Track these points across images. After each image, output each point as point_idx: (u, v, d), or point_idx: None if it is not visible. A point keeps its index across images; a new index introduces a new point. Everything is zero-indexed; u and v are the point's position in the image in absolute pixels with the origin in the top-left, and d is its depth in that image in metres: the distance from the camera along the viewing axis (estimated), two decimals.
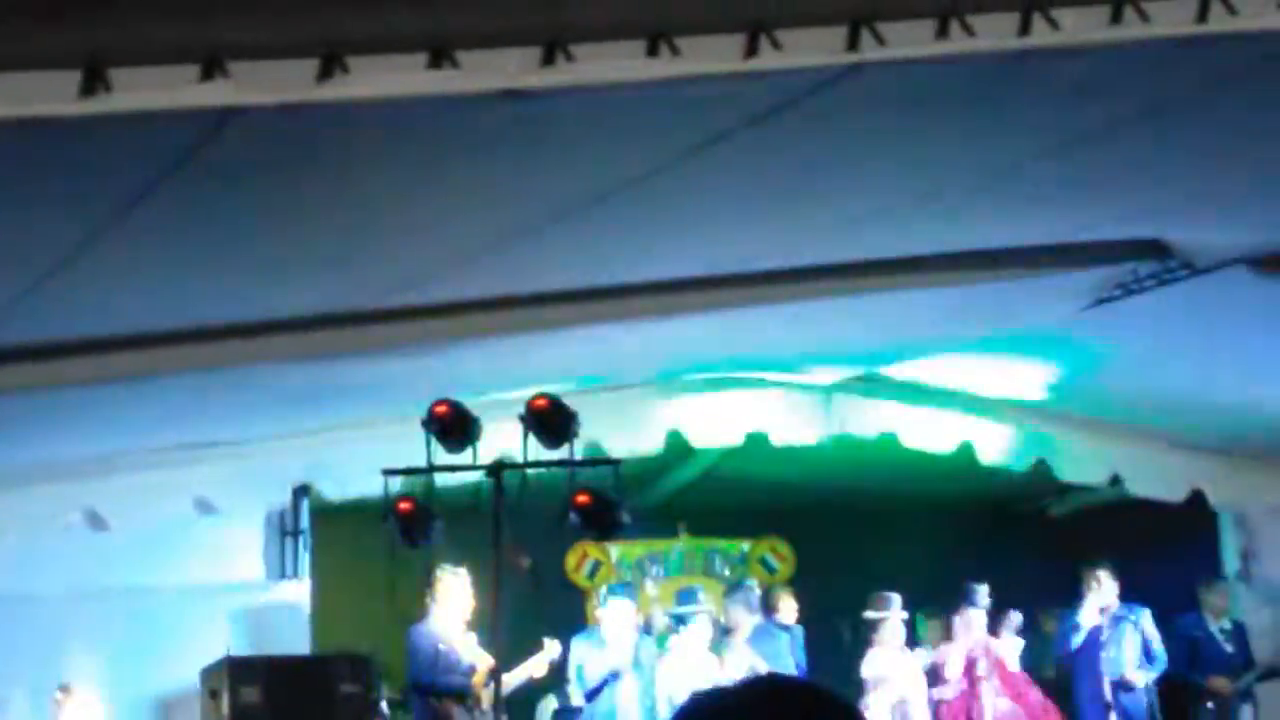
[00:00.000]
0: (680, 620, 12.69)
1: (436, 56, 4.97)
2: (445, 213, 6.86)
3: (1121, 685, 12.65)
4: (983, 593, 12.85)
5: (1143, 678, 12.73)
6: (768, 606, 13.34)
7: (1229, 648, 13.22)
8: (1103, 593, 12.83)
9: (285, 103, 4.91)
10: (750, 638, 12.87)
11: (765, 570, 14.87)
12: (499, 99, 5.11)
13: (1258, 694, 13.01)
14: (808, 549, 14.74)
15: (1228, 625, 13.32)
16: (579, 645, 12.37)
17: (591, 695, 12.18)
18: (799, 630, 13.19)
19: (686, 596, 12.86)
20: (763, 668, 12.35)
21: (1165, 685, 12.83)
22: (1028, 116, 6.17)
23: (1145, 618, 12.88)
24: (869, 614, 12.77)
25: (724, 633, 12.72)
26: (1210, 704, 12.93)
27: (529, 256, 7.69)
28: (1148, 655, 12.86)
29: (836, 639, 13.39)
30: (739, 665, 12.29)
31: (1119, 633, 12.80)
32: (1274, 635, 13.30)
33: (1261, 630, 13.39)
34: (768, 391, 11.97)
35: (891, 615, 12.73)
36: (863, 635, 12.94)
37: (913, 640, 13.15)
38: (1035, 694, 12.92)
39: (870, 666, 12.65)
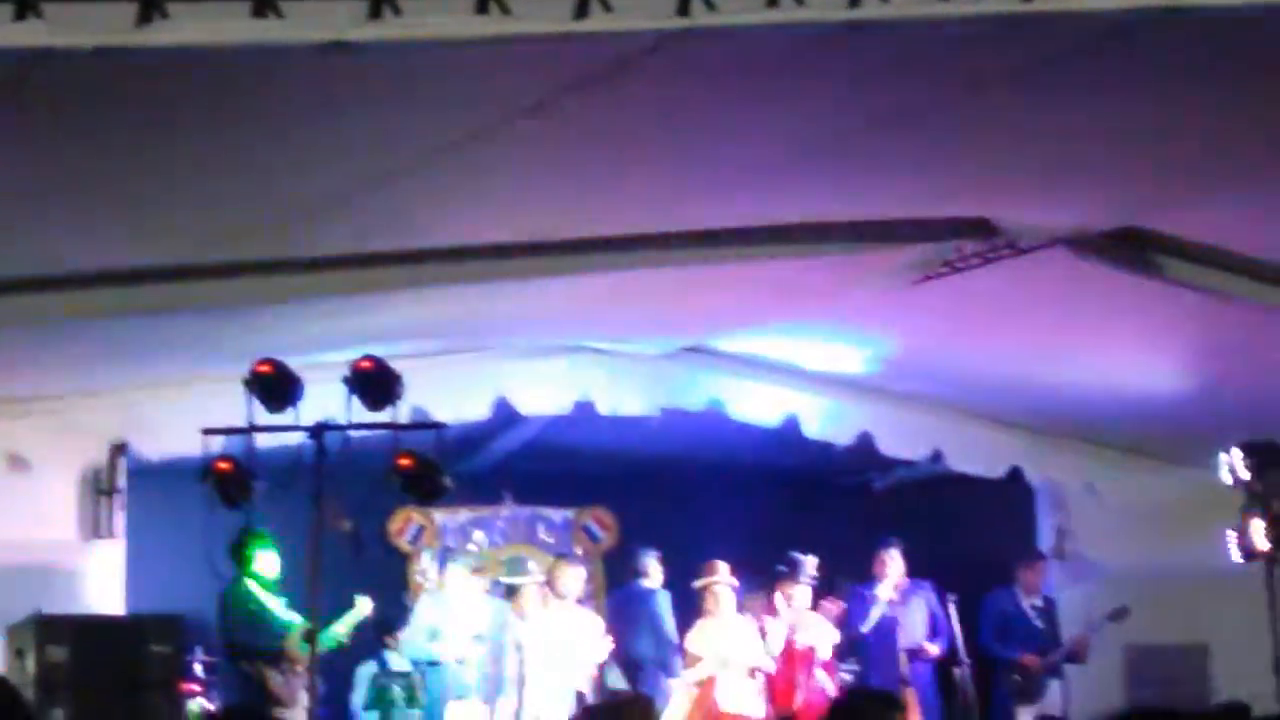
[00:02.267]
0: (511, 590, 12.70)
1: (261, 5, 4.87)
2: (271, 169, 6.76)
3: (915, 654, 12.89)
4: (809, 565, 12.96)
5: (933, 648, 13.00)
6: (635, 571, 13.42)
7: (1039, 624, 13.48)
8: (893, 569, 13.08)
9: (101, 46, 4.79)
10: (618, 601, 13.07)
11: (589, 539, 14.87)
12: (324, 51, 5.02)
13: (1066, 671, 13.26)
14: (632, 518, 14.75)
15: (1039, 602, 13.58)
16: (423, 610, 12.38)
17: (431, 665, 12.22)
18: (665, 594, 13.25)
19: (517, 565, 12.84)
20: (597, 628, 12.44)
21: (975, 659, 13.06)
22: (855, 90, 6.19)
23: (931, 593, 13.15)
24: (698, 582, 12.81)
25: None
26: (1018, 678, 13.17)
27: (357, 217, 7.61)
28: (934, 629, 13.09)
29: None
30: (572, 625, 12.36)
31: (909, 606, 13.05)
32: (1086, 611, 13.54)
33: (1073, 607, 13.64)
34: (596, 360, 11.95)
35: (720, 582, 12.76)
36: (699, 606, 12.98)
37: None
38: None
39: (694, 641, 12.69)
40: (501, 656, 12.35)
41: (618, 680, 12.67)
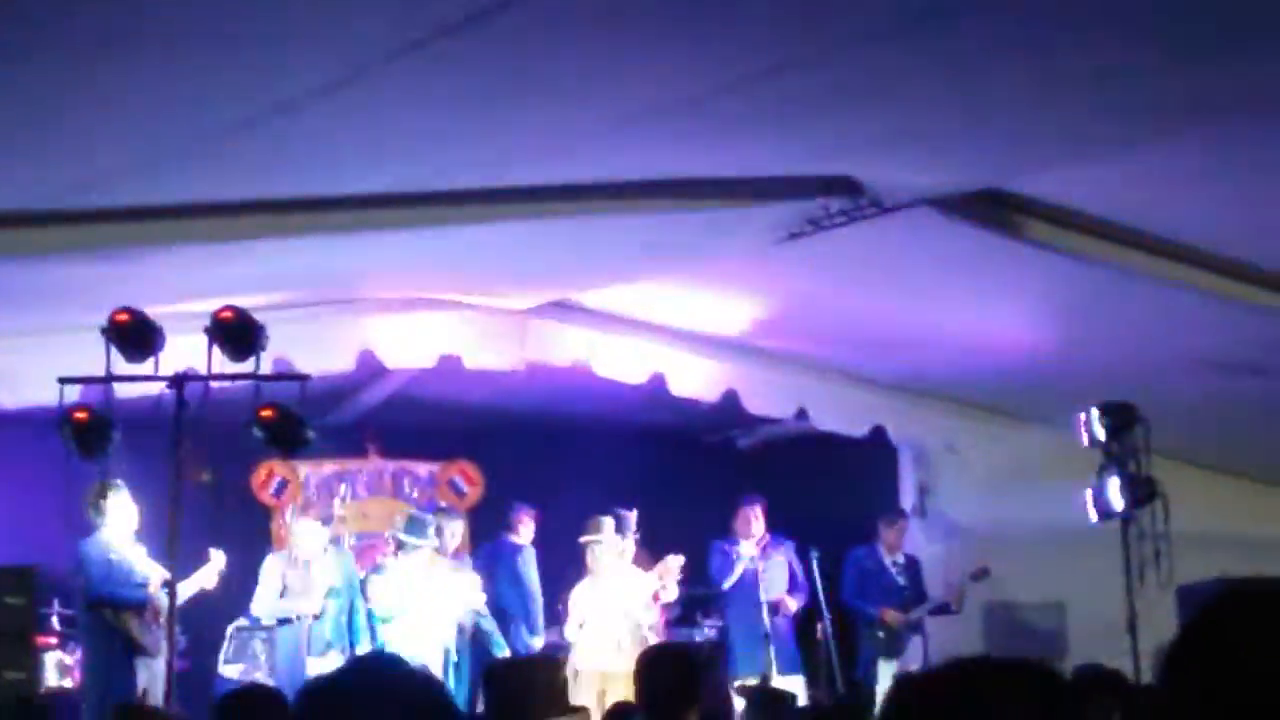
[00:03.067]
0: (401, 546, 12.63)
1: None
2: (132, 110, 6.65)
3: (775, 608, 13.01)
4: (630, 520, 13.02)
5: (793, 603, 13.12)
6: (506, 525, 13.41)
7: (901, 580, 13.64)
8: (755, 528, 13.20)
9: None
10: (486, 555, 13.18)
11: (454, 493, 14.85)
12: None
13: (928, 627, 13.43)
14: (497, 473, 14.75)
15: (901, 559, 13.74)
16: (270, 567, 12.28)
17: (281, 623, 12.11)
18: (531, 550, 13.27)
19: (415, 528, 12.71)
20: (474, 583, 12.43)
21: (837, 612, 13.21)
22: (722, 43, 6.19)
23: (790, 549, 13.29)
24: (584, 538, 12.80)
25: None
26: (881, 634, 13.33)
27: (221, 162, 7.51)
28: (793, 585, 13.24)
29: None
30: (449, 582, 12.35)
31: (770, 562, 13.19)
32: (945, 569, 13.72)
33: (933, 565, 13.82)
34: (462, 314, 11.87)
35: (603, 539, 12.77)
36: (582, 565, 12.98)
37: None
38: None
39: (576, 600, 12.69)
40: (354, 611, 12.31)
41: (494, 633, 12.70)
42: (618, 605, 12.65)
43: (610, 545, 12.77)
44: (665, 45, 6.17)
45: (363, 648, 12.20)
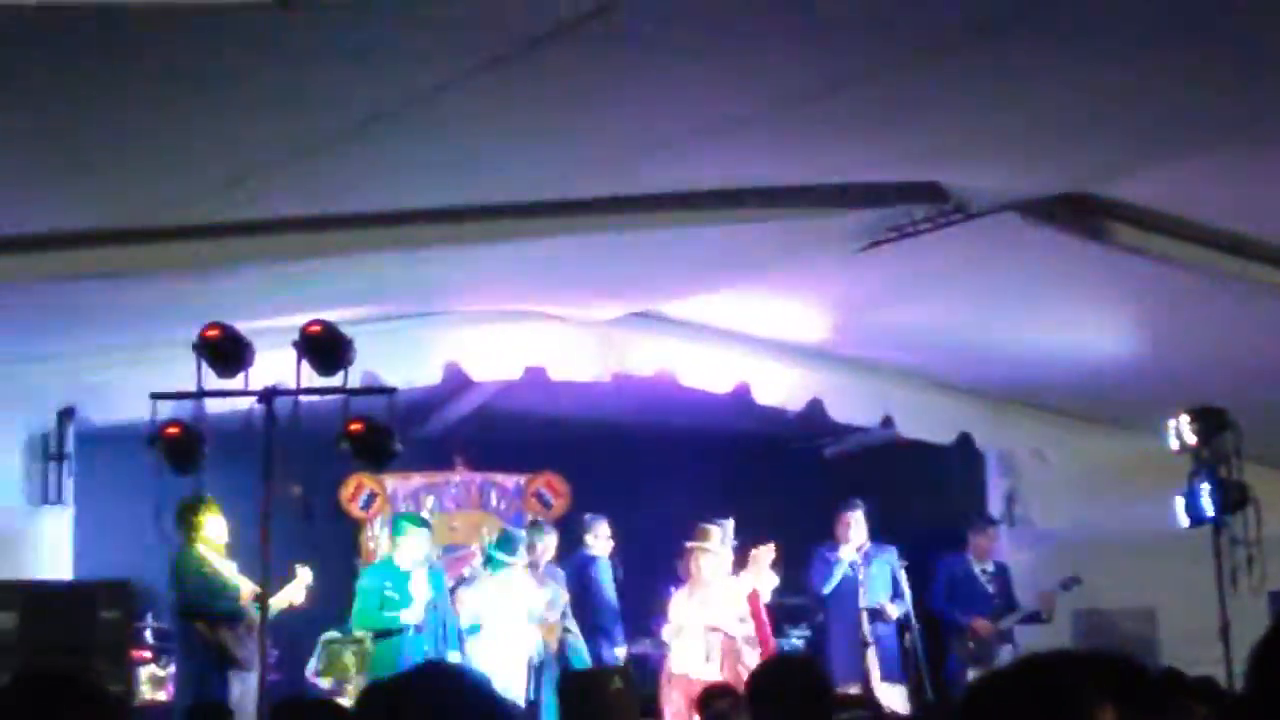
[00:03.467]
0: (489, 560, 12.67)
1: None
2: (219, 130, 6.72)
3: (876, 615, 12.91)
4: (729, 529, 12.94)
5: (895, 610, 12.98)
6: (581, 538, 13.45)
7: (990, 589, 13.55)
8: (854, 534, 13.10)
9: (45, 3, 4.75)
10: (565, 567, 13.11)
11: (541, 504, 14.87)
12: (272, 7, 5.00)
13: (1017, 636, 13.33)
14: (583, 484, 14.76)
15: (990, 567, 13.65)
16: (368, 581, 12.31)
17: (379, 637, 12.16)
18: (607, 562, 13.29)
19: (508, 546, 12.72)
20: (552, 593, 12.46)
21: (926, 620, 13.11)
22: (806, 51, 6.19)
23: (893, 556, 13.17)
24: (692, 544, 12.70)
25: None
26: (971, 644, 13.24)
27: (307, 179, 7.58)
28: (896, 592, 13.13)
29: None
30: (529, 591, 12.39)
31: (871, 568, 13.07)
32: (1034, 577, 13.62)
33: (1022, 572, 13.72)
34: (546, 326, 11.92)
35: (709, 547, 12.67)
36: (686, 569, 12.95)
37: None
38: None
39: (674, 603, 12.66)
40: (448, 622, 12.34)
41: (579, 644, 12.72)
42: (715, 615, 12.62)
43: (716, 554, 12.69)
44: (747, 54, 6.18)
45: (454, 659, 12.24)
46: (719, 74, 6.36)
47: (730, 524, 12.84)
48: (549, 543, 12.91)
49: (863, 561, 13.05)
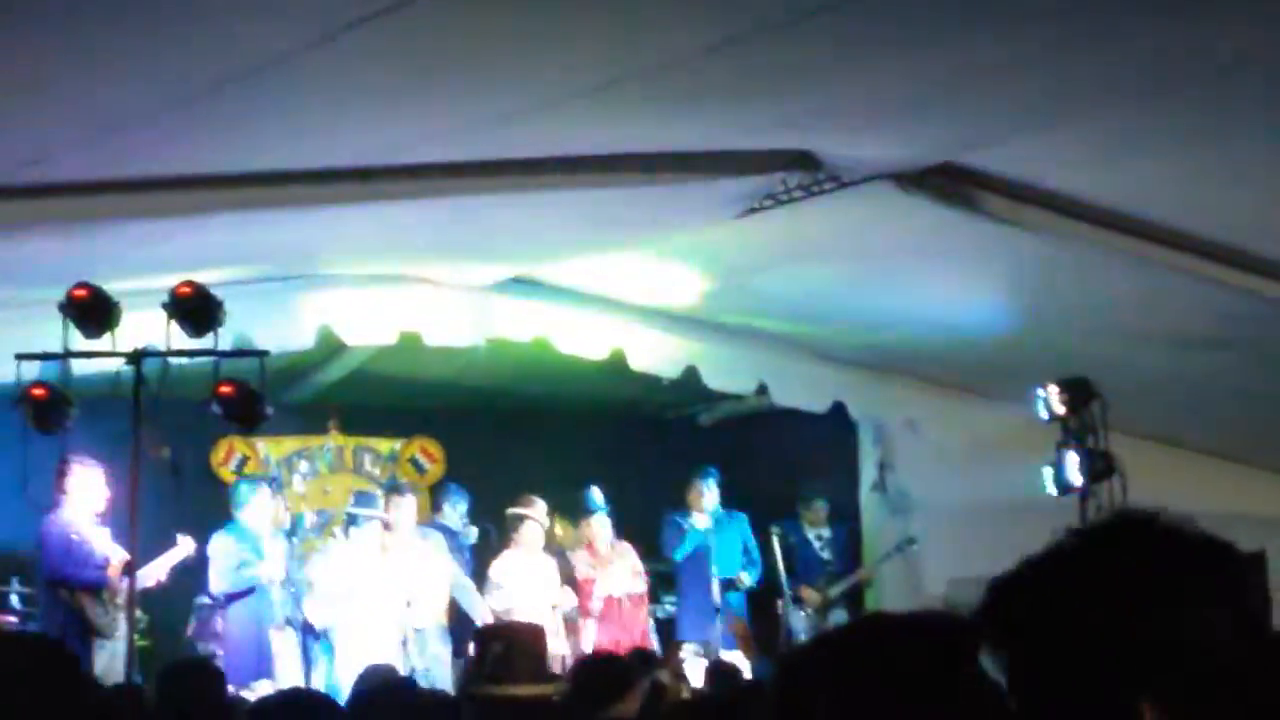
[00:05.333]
0: (353, 520, 12.63)
1: None
2: (86, 81, 6.62)
3: (729, 584, 13.06)
4: (596, 496, 13.07)
5: (747, 578, 13.18)
6: (433, 507, 13.40)
7: (825, 555, 13.75)
8: (706, 502, 13.24)
9: None
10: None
11: (415, 470, 14.82)
12: None
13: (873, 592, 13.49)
14: (458, 450, 14.73)
15: (826, 533, 13.83)
16: (219, 540, 12.18)
17: (231, 599, 12.05)
18: (456, 538, 13.28)
19: (365, 499, 12.76)
20: (438, 558, 12.49)
21: (759, 589, 13.30)
22: (680, 14, 6.19)
23: (744, 523, 13.34)
24: (512, 510, 12.85)
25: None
26: (804, 611, 13.39)
27: (178, 134, 7.49)
28: (747, 558, 13.27)
29: (483, 539, 13.46)
30: (407, 558, 12.37)
31: (724, 536, 13.18)
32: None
33: (892, 541, 13.88)
34: (422, 290, 11.84)
35: (534, 516, 12.84)
36: (507, 536, 13.07)
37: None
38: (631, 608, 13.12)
39: (498, 568, 12.77)
40: (300, 590, 12.30)
41: (473, 604, 12.75)
42: (543, 585, 12.77)
43: (539, 523, 12.85)
44: (622, 16, 6.17)
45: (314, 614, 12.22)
46: (596, 36, 6.35)
47: (597, 491, 12.97)
48: (407, 503, 12.82)
49: (714, 529, 13.19)
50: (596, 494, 13.21)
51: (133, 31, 5.90)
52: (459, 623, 12.71)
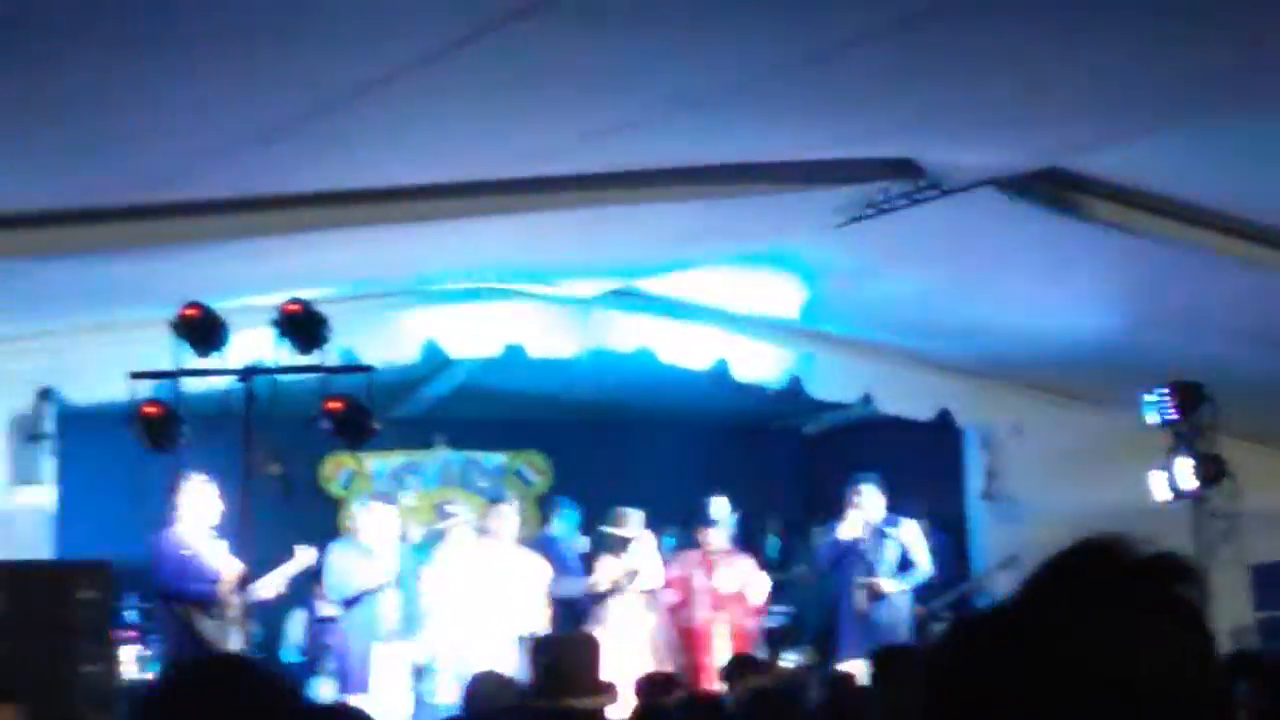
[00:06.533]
0: (439, 535, 12.71)
1: None
2: (198, 106, 6.71)
3: (874, 595, 12.83)
4: (716, 508, 12.99)
5: (895, 585, 12.86)
6: (542, 519, 13.47)
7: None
8: (866, 507, 13.04)
9: None
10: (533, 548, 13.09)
11: (522, 483, 14.91)
12: None
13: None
14: (564, 462, 14.80)
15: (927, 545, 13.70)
16: (335, 553, 12.29)
17: (349, 604, 12.14)
18: (566, 545, 13.32)
19: (443, 511, 12.88)
20: (538, 567, 12.53)
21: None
22: (778, 25, 6.19)
23: (906, 528, 13.07)
24: (608, 529, 12.81)
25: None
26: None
27: (284, 155, 7.57)
28: (903, 566, 13.04)
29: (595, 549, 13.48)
30: (508, 567, 12.46)
31: (876, 546, 13.00)
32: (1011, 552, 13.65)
33: (1000, 549, 13.74)
34: (525, 303, 11.93)
35: (631, 531, 12.78)
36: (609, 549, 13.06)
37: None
38: (741, 610, 13.05)
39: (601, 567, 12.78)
40: (414, 597, 12.34)
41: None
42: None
43: (636, 534, 12.79)
44: (725, 27, 6.18)
45: (420, 638, 12.25)
46: (696, 48, 6.36)
47: (721, 503, 12.90)
48: (507, 513, 12.85)
49: (871, 537, 12.94)
50: (719, 505, 13.13)
51: (242, 56, 5.98)
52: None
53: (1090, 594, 1.73)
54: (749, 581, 12.96)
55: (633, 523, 12.77)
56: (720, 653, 12.20)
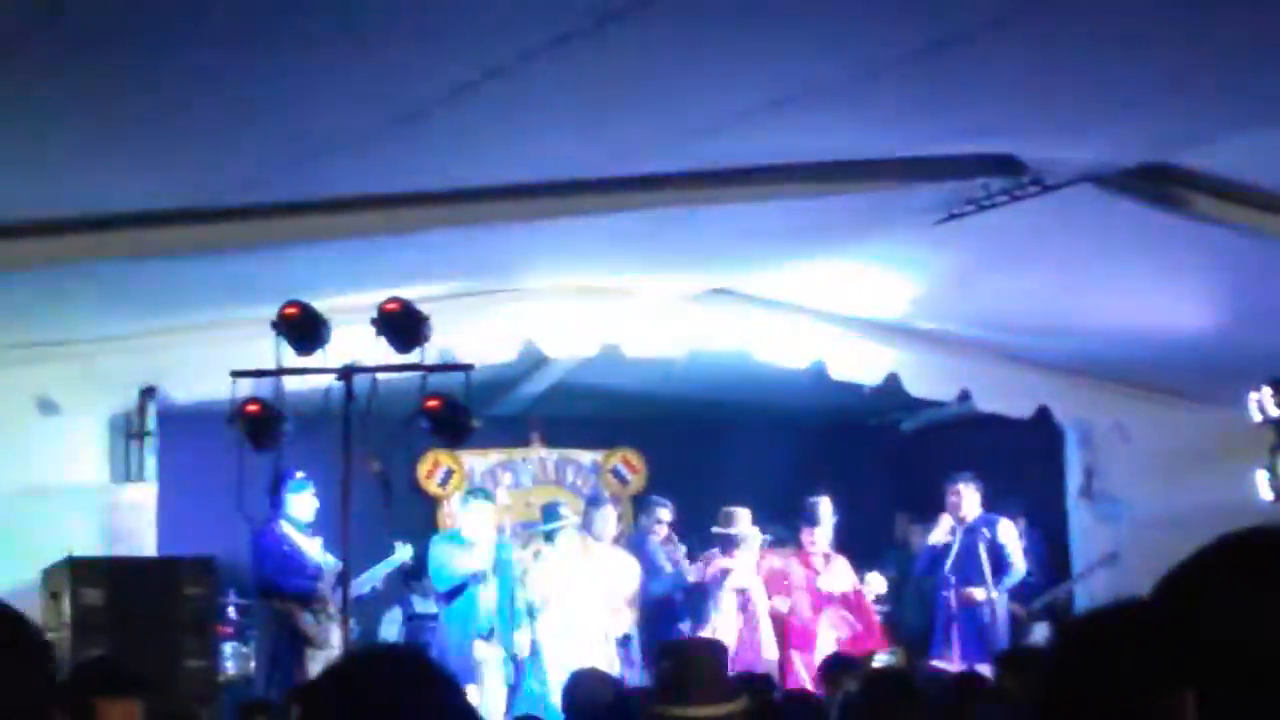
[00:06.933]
0: (549, 536, 12.76)
1: None
2: (296, 107, 6.77)
3: (963, 600, 12.77)
4: (822, 508, 12.98)
5: (982, 594, 12.75)
6: (636, 517, 13.53)
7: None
8: (963, 506, 12.98)
9: None
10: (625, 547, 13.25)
11: (617, 481, 14.92)
12: None
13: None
14: (660, 461, 14.80)
15: (1024, 544, 13.60)
16: (439, 546, 12.40)
17: (451, 595, 12.22)
18: (657, 544, 13.33)
19: (552, 512, 12.92)
20: (632, 568, 12.58)
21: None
22: (878, 23, 6.17)
23: (1003, 527, 13.00)
24: (717, 529, 12.84)
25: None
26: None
27: (382, 155, 7.62)
28: (998, 566, 12.95)
29: (690, 550, 13.47)
30: (607, 567, 12.46)
31: (968, 546, 12.90)
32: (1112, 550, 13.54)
33: (1101, 547, 13.62)
34: (623, 302, 11.94)
35: (739, 530, 12.80)
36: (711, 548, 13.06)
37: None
38: (837, 609, 13.01)
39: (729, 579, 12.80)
40: (512, 594, 12.39)
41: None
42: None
43: (745, 532, 12.80)
44: (822, 25, 6.16)
45: (522, 633, 12.31)
46: (795, 46, 6.35)
47: (824, 502, 12.88)
48: (605, 514, 12.92)
49: (962, 537, 12.87)
50: (823, 505, 13.11)
51: (339, 59, 6.03)
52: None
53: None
54: (854, 580, 12.95)
55: (741, 522, 12.77)
56: (822, 652, 12.21)
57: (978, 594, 12.68)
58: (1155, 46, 6.77)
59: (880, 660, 12.18)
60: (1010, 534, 13.00)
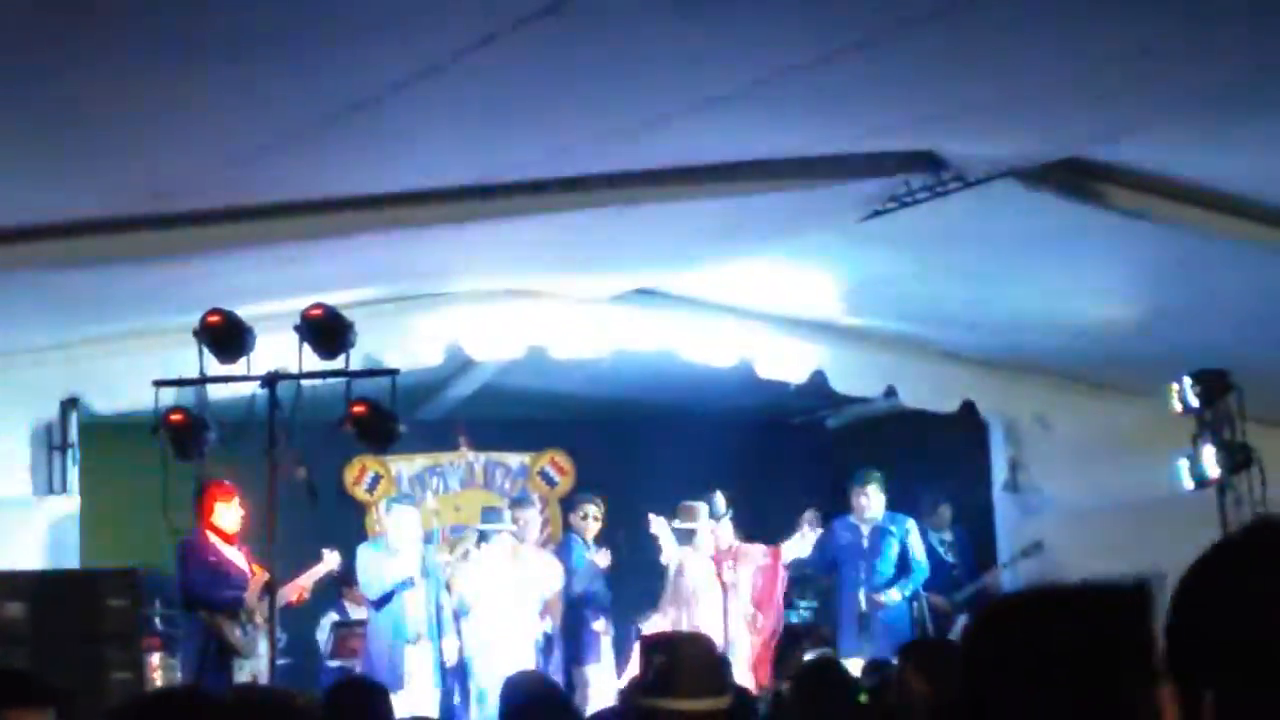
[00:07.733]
0: (483, 536, 12.71)
1: None
2: (217, 114, 6.72)
3: (873, 602, 12.87)
4: (717, 501, 12.99)
5: (895, 594, 12.88)
6: (564, 519, 13.55)
7: (949, 558, 13.61)
8: (870, 507, 13.09)
9: None
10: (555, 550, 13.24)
11: (546, 483, 14.91)
12: None
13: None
14: (588, 462, 14.79)
15: (949, 536, 13.69)
16: (365, 553, 12.35)
17: (381, 602, 12.17)
18: (586, 541, 13.32)
19: (492, 515, 12.86)
20: (556, 570, 12.57)
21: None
22: (798, 20, 6.18)
23: (910, 528, 13.13)
24: (678, 524, 12.79)
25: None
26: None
27: (304, 161, 7.58)
28: (904, 566, 13.07)
29: (614, 551, 13.45)
30: (532, 569, 12.45)
31: (878, 546, 13.03)
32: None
33: (1026, 540, 13.71)
34: (547, 304, 11.93)
35: (700, 525, 12.75)
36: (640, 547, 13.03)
37: None
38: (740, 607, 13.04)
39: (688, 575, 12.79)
40: (437, 599, 12.35)
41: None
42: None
43: (705, 527, 12.79)
44: (742, 25, 6.16)
45: (448, 639, 12.27)
46: (716, 46, 6.35)
47: (720, 497, 12.89)
48: (530, 516, 12.90)
49: (870, 536, 13.02)
50: (719, 500, 13.15)
51: (256, 63, 5.98)
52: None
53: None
54: (764, 550, 12.88)
55: (699, 516, 12.74)
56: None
57: (886, 596, 12.82)
58: (1074, 43, 6.82)
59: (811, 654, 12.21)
60: (915, 535, 13.14)
